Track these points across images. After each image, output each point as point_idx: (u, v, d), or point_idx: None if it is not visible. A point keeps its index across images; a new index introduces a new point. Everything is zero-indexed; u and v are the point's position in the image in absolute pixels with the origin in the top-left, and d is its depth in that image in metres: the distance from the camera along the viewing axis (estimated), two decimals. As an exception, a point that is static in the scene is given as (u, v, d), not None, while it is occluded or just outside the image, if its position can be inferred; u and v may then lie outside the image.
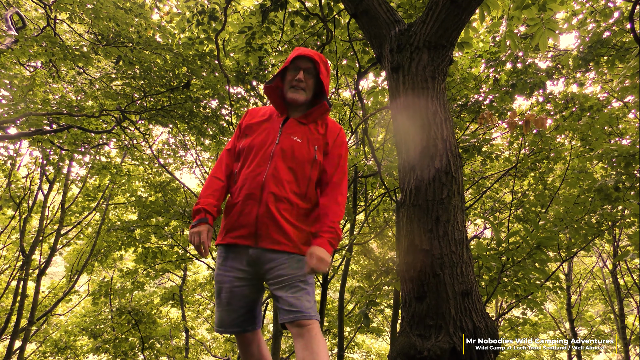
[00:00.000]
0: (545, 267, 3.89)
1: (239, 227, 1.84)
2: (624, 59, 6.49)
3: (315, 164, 1.91)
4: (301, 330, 1.68)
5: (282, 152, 1.86)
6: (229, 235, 1.86)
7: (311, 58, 1.92)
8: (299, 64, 1.93)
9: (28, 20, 7.58)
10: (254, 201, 1.82)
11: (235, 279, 1.86)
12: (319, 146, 1.93)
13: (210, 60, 6.37)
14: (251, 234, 1.81)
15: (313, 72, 1.95)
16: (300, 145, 1.89)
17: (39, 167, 10.30)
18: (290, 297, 1.73)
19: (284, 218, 1.81)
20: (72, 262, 12.35)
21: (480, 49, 6.91)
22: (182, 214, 6.78)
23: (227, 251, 1.88)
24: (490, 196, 9.45)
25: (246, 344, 1.97)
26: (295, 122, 1.95)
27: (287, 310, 1.71)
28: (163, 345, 11.70)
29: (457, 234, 2.50)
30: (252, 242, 1.81)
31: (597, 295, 14.24)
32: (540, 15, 3.52)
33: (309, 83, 1.95)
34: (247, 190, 1.84)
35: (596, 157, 5.33)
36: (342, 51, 5.53)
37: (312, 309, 1.73)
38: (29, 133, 6.32)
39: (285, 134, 1.91)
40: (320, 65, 1.94)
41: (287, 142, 1.89)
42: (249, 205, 1.82)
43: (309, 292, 1.78)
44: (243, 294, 1.87)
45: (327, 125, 2.00)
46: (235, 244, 1.85)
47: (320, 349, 1.65)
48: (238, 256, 1.86)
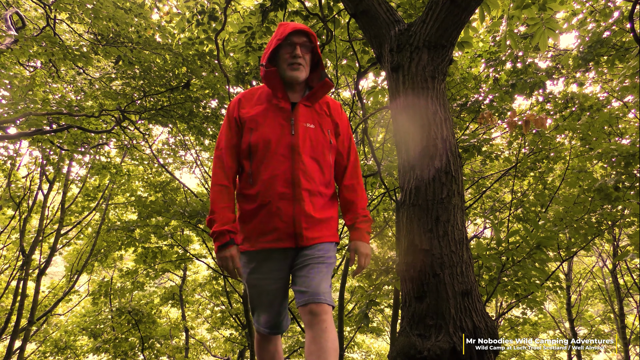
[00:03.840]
0: (545, 267, 3.89)
1: (273, 231, 1.73)
2: (624, 58, 6.49)
3: (332, 149, 1.85)
4: (313, 320, 1.60)
5: (303, 143, 1.76)
6: (262, 240, 1.75)
7: (305, 31, 1.81)
8: (294, 39, 1.80)
9: (28, 20, 7.58)
10: (288, 201, 1.71)
11: (275, 280, 1.79)
12: (331, 129, 1.86)
13: (210, 60, 6.37)
14: (290, 235, 1.72)
15: (309, 47, 1.84)
16: (315, 131, 1.80)
17: (39, 167, 10.30)
18: (309, 277, 1.66)
19: (320, 213, 1.76)
20: (72, 262, 12.35)
21: (480, 49, 6.91)
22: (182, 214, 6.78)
23: (262, 256, 1.78)
24: (490, 196, 9.45)
25: (268, 341, 1.93)
26: (303, 107, 1.83)
27: (302, 292, 1.65)
28: (163, 345, 11.70)
29: (457, 234, 2.50)
30: (293, 243, 1.73)
31: (597, 295, 14.24)
32: (540, 15, 3.52)
33: (306, 58, 1.83)
34: (276, 190, 1.71)
35: (596, 157, 5.33)
36: (342, 51, 5.53)
37: (327, 294, 1.65)
38: (28, 133, 6.32)
39: (298, 122, 1.78)
40: (314, 39, 1.84)
41: (304, 131, 1.78)
42: (283, 206, 1.71)
43: (327, 275, 1.72)
44: (283, 294, 1.84)
45: (328, 103, 1.91)
46: (271, 249, 1.75)
47: (329, 345, 1.57)
48: (276, 258, 1.77)
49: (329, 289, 1.70)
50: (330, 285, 1.76)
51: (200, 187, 11.49)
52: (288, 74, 1.80)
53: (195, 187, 12.07)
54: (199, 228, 8.21)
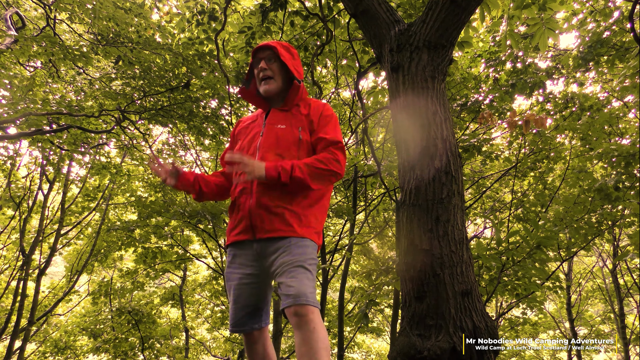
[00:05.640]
0: (545, 267, 3.89)
1: (238, 224, 1.86)
2: (624, 58, 6.49)
3: (302, 145, 1.88)
4: (299, 321, 1.61)
5: (266, 142, 1.88)
6: (232, 233, 1.89)
7: (267, 45, 1.94)
8: (259, 56, 1.96)
9: (28, 20, 7.58)
10: (247, 195, 1.84)
11: (244, 275, 1.86)
12: (303, 126, 1.92)
13: (210, 60, 6.37)
14: (247, 227, 1.82)
15: (273, 57, 1.94)
16: (285, 130, 1.90)
17: (39, 167, 10.30)
18: (290, 280, 1.68)
19: (277, 205, 1.79)
20: (72, 262, 12.35)
21: (480, 49, 6.91)
22: (182, 214, 6.78)
23: (234, 250, 1.90)
24: (490, 196, 9.45)
25: (252, 342, 1.94)
26: (277, 111, 1.97)
27: (285, 295, 1.66)
28: (163, 345, 11.70)
29: (457, 234, 2.50)
30: (250, 235, 1.82)
31: (597, 295, 14.25)
32: (540, 15, 3.52)
33: (273, 69, 1.94)
34: (240, 185, 1.88)
35: (596, 157, 5.33)
36: (342, 51, 5.53)
37: (311, 295, 1.67)
38: (28, 133, 6.32)
39: (268, 125, 1.93)
40: (278, 48, 1.94)
41: (271, 131, 1.91)
42: (242, 200, 1.85)
43: (309, 277, 1.73)
44: (251, 290, 1.86)
45: (310, 105, 1.99)
46: (238, 241, 1.87)
47: (319, 344, 1.58)
48: (244, 253, 1.86)
49: (313, 289, 1.71)
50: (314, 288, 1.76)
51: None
52: (260, 88, 1.97)
53: (195, 187, 12.04)
54: (199, 228, 8.21)
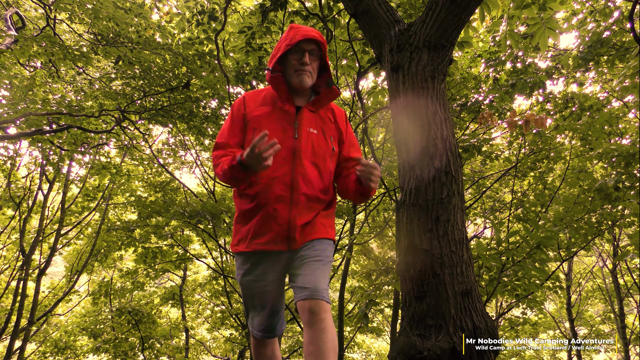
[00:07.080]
0: (545, 267, 3.88)
1: (268, 232, 1.73)
2: (624, 58, 6.49)
3: (334, 156, 1.84)
4: (312, 319, 1.58)
5: (305, 148, 1.75)
6: (256, 242, 1.74)
7: (315, 39, 1.79)
8: (303, 46, 1.78)
9: (28, 20, 7.58)
10: (285, 204, 1.70)
11: (267, 282, 1.78)
12: (334, 136, 1.85)
13: (210, 60, 6.37)
14: (284, 239, 1.72)
15: (317, 54, 1.82)
16: (318, 137, 1.80)
17: (39, 167, 10.30)
18: (308, 274, 1.65)
19: (314, 216, 1.75)
20: (72, 262, 12.35)
21: (480, 49, 6.91)
22: (182, 214, 6.77)
23: (256, 257, 1.78)
24: (490, 196, 9.45)
25: (264, 346, 1.92)
26: (307, 112, 1.82)
27: (301, 288, 1.63)
28: (163, 345, 11.69)
29: (457, 234, 2.50)
30: (285, 246, 1.73)
31: (597, 295, 14.24)
32: (540, 15, 3.52)
33: (314, 66, 1.81)
34: (274, 192, 1.70)
35: (596, 157, 5.33)
36: (342, 51, 5.53)
37: (326, 291, 1.65)
38: (28, 133, 6.33)
39: (302, 126, 1.78)
40: (323, 48, 1.83)
41: (306, 135, 1.77)
42: (280, 208, 1.70)
43: (325, 272, 1.71)
44: (275, 296, 1.82)
45: (333, 110, 1.90)
46: (264, 251, 1.75)
47: (328, 345, 1.56)
48: (270, 262, 1.77)
49: (327, 286, 1.70)
50: (328, 284, 1.75)
51: (200, 187, 11.48)
52: (295, 80, 1.79)
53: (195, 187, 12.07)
54: (199, 228, 8.20)
